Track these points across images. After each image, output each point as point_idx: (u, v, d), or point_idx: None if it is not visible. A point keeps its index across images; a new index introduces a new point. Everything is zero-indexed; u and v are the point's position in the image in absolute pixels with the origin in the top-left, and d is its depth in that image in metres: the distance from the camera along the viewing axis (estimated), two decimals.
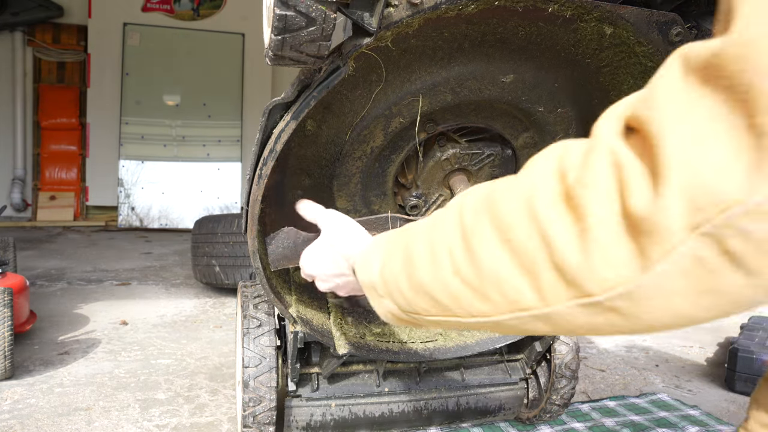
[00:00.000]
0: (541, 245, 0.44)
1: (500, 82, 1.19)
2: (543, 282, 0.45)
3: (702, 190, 0.35)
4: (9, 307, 2.12)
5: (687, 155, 0.36)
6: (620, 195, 0.40)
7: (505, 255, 0.47)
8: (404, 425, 1.70)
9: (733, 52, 0.34)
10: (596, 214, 0.41)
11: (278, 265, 1.10)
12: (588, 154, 0.43)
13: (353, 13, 0.84)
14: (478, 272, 0.50)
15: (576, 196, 0.43)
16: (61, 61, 6.76)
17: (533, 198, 0.46)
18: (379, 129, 1.21)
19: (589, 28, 1.05)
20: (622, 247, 0.40)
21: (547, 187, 0.45)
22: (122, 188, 6.50)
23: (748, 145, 0.34)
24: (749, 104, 0.34)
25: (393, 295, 0.63)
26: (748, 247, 0.35)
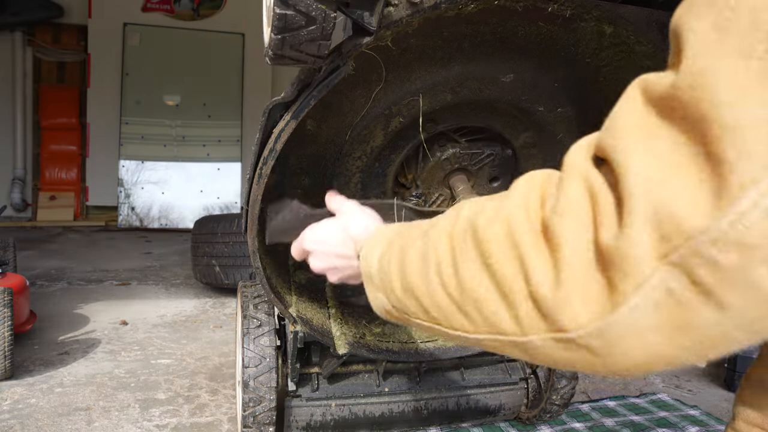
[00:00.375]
0: (519, 274, 0.45)
1: (500, 82, 1.19)
2: (520, 311, 0.45)
3: (667, 219, 0.35)
4: (9, 307, 2.12)
5: (650, 185, 0.36)
6: (593, 224, 0.40)
7: (485, 278, 0.48)
8: (404, 425, 1.70)
9: (686, 84, 0.35)
10: (569, 245, 0.41)
11: (274, 238, 1.04)
12: (562, 181, 0.44)
13: (353, 12, 0.84)
14: (461, 290, 0.50)
15: (551, 225, 0.43)
16: (61, 61, 6.76)
17: (513, 225, 0.46)
18: (379, 128, 1.21)
19: (588, 28, 1.05)
20: (593, 281, 0.40)
21: (527, 215, 0.46)
22: (122, 188, 6.50)
23: (708, 173, 0.34)
24: (705, 134, 0.34)
25: (386, 291, 0.63)
26: (716, 277, 0.34)
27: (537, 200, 0.46)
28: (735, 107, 0.33)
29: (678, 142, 0.36)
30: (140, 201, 6.52)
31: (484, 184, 1.40)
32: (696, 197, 0.34)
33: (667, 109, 0.37)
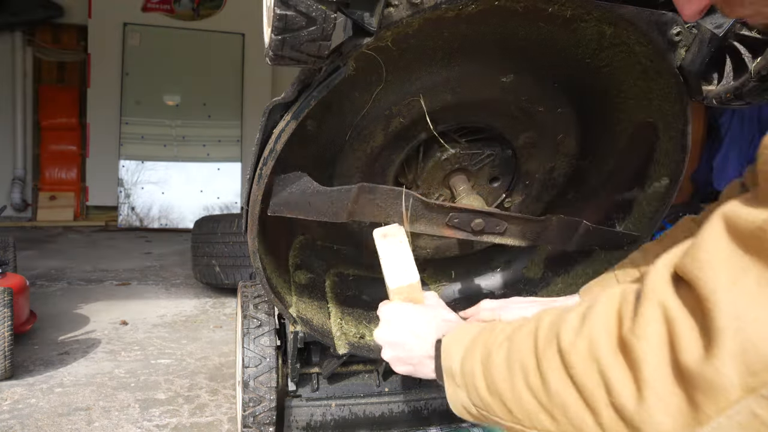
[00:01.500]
0: (601, 385, 0.49)
1: (500, 82, 1.19)
2: (603, 418, 0.49)
3: (756, 356, 0.38)
4: (9, 307, 2.12)
5: (740, 322, 0.39)
6: (671, 348, 0.44)
7: (569, 386, 0.52)
8: (404, 425, 1.70)
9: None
10: (650, 365, 0.45)
11: (277, 210, 1.01)
12: (640, 304, 0.48)
13: (353, 12, 0.84)
14: (548, 395, 0.55)
15: (630, 344, 0.47)
16: (61, 61, 6.75)
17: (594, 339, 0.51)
18: (380, 129, 1.21)
19: (589, 28, 1.05)
20: (676, 398, 0.43)
21: (606, 332, 0.50)
22: (122, 188, 6.50)
23: None
24: None
25: (468, 389, 0.67)
26: None
27: (615, 320, 0.50)
28: None
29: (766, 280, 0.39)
30: (140, 201, 6.51)
31: (484, 185, 1.40)
32: None
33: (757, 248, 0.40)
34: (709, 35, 1.01)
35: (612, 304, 0.53)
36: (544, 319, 0.61)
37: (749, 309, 0.39)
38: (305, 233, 1.41)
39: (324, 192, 1.02)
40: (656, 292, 0.47)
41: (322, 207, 1.05)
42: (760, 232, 0.39)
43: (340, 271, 1.46)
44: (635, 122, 1.25)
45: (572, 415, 0.52)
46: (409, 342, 0.83)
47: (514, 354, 0.60)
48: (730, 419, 0.40)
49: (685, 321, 0.43)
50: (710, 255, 0.42)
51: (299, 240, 1.41)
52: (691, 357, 0.41)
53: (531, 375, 0.57)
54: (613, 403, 0.48)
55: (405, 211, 1.09)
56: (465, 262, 1.57)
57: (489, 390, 0.63)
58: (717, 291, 0.40)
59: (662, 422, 0.44)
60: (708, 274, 0.42)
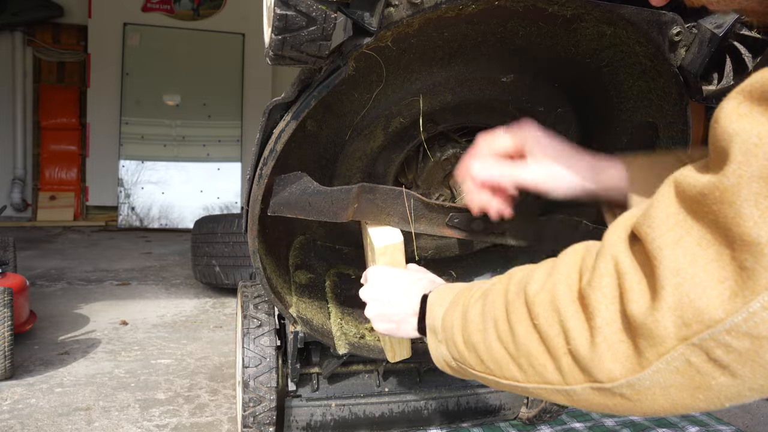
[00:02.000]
0: (560, 334, 0.54)
1: (500, 82, 1.19)
2: (563, 364, 0.54)
3: (690, 309, 0.42)
4: (9, 307, 2.12)
5: (679, 277, 0.43)
6: (620, 299, 0.48)
7: (534, 335, 0.57)
8: (404, 425, 1.70)
9: (718, 196, 0.41)
10: (602, 314, 0.49)
11: (277, 210, 1.01)
12: (597, 259, 0.52)
13: (354, 12, 0.84)
14: (516, 344, 0.59)
15: (587, 296, 0.52)
16: (61, 61, 6.76)
17: (556, 292, 0.56)
18: (380, 129, 1.21)
19: (589, 28, 1.05)
20: (623, 344, 0.48)
21: (567, 285, 0.55)
22: (122, 188, 6.50)
23: (731, 273, 0.40)
24: (730, 241, 0.40)
25: (448, 344, 0.72)
26: (731, 356, 0.41)
27: (576, 273, 0.55)
28: (759, 225, 0.38)
29: (707, 241, 0.42)
30: (140, 201, 6.51)
31: None
32: (716, 294, 0.41)
33: (699, 211, 0.43)
34: (709, 35, 1.01)
35: (575, 258, 0.57)
36: (516, 275, 0.65)
37: (689, 267, 0.43)
38: (305, 233, 1.41)
39: (324, 192, 1.02)
40: (611, 247, 0.51)
41: (322, 207, 1.05)
42: (700, 197, 0.42)
43: (340, 271, 1.46)
44: (635, 122, 1.25)
45: (536, 363, 0.56)
46: (394, 299, 0.90)
47: (487, 308, 0.65)
48: (668, 364, 0.45)
49: (633, 275, 0.47)
50: (660, 215, 0.46)
51: (299, 240, 1.41)
52: (637, 308, 0.46)
53: (501, 326, 0.61)
54: (570, 351, 0.52)
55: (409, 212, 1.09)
56: (465, 262, 1.57)
57: (465, 343, 0.68)
58: (663, 248, 0.44)
59: (611, 367, 0.49)
60: (656, 232, 0.46)
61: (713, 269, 0.41)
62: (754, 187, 0.38)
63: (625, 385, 0.48)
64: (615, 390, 0.49)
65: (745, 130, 0.39)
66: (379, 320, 0.94)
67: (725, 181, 0.40)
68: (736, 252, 0.40)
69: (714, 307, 0.41)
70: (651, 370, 0.46)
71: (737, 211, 0.39)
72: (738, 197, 0.39)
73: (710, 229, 0.42)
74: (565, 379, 0.54)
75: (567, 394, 0.55)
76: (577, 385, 0.53)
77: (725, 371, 0.42)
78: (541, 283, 0.58)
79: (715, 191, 0.41)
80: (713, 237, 0.42)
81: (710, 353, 0.42)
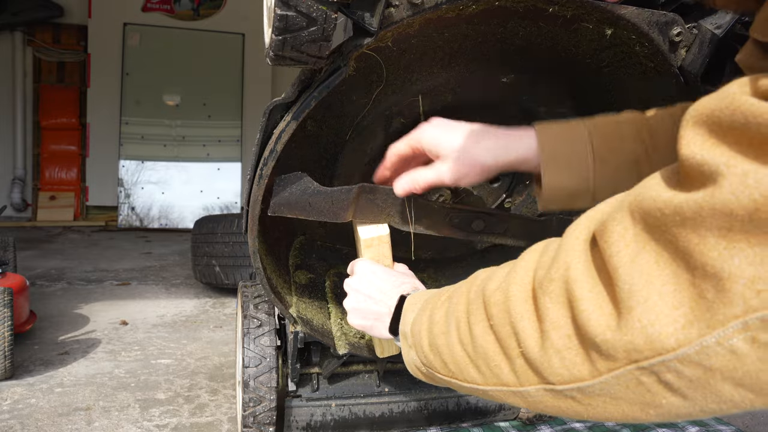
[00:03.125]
0: (512, 335, 0.53)
1: (500, 82, 1.19)
2: (516, 365, 0.53)
3: (642, 336, 0.41)
4: (9, 307, 2.12)
5: (633, 300, 0.41)
6: (570, 307, 0.47)
7: (490, 336, 0.56)
8: (404, 425, 1.70)
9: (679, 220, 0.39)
10: (551, 318, 0.49)
11: (277, 210, 1.01)
12: (553, 261, 0.51)
13: (354, 13, 0.84)
14: (474, 345, 0.58)
15: (538, 298, 0.51)
16: (61, 61, 6.76)
17: (509, 292, 0.55)
18: (380, 129, 1.21)
19: (589, 29, 1.05)
20: (573, 351, 0.47)
21: (521, 285, 0.54)
22: (122, 188, 6.50)
23: (687, 299, 0.39)
24: (691, 266, 0.38)
25: (417, 348, 0.72)
26: (681, 381, 0.40)
27: (531, 273, 0.54)
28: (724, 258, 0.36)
29: (662, 260, 0.40)
30: (140, 201, 6.51)
31: (484, 185, 1.40)
32: (670, 321, 0.39)
33: (656, 228, 0.41)
34: (709, 36, 1.01)
35: (533, 257, 0.56)
36: (480, 275, 0.64)
37: (643, 288, 0.41)
38: (305, 233, 1.41)
39: (324, 192, 1.02)
40: (567, 251, 0.50)
41: (323, 207, 1.05)
42: (660, 214, 0.40)
43: (340, 271, 1.46)
44: None
45: (492, 364, 0.56)
46: (374, 295, 0.90)
47: (451, 309, 0.64)
48: (618, 379, 0.44)
49: (585, 283, 0.46)
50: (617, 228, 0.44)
51: (299, 240, 1.41)
52: (588, 320, 0.45)
53: (462, 328, 0.61)
54: (522, 353, 0.52)
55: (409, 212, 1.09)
56: (465, 262, 1.57)
57: (431, 347, 0.67)
58: (618, 268, 0.43)
59: (561, 371, 0.48)
60: (612, 248, 0.44)
61: (668, 292, 0.40)
62: (720, 220, 0.36)
63: (575, 389, 0.48)
64: (566, 393, 0.49)
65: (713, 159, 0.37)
66: (355, 314, 0.93)
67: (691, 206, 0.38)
68: (696, 279, 0.38)
69: (666, 335, 0.39)
70: (600, 380, 0.45)
71: (702, 239, 0.37)
72: (702, 226, 0.37)
73: (668, 249, 0.40)
74: (519, 381, 0.53)
75: (522, 396, 0.54)
76: (531, 386, 0.52)
77: (676, 393, 0.41)
78: (497, 283, 0.57)
79: (677, 214, 0.39)
80: (671, 257, 0.40)
81: (660, 376, 0.41)
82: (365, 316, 0.91)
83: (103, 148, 6.54)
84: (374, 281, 0.93)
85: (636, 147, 0.85)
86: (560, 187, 0.85)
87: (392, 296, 0.87)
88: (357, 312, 0.93)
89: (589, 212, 0.51)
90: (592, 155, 0.84)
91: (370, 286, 0.92)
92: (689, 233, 0.38)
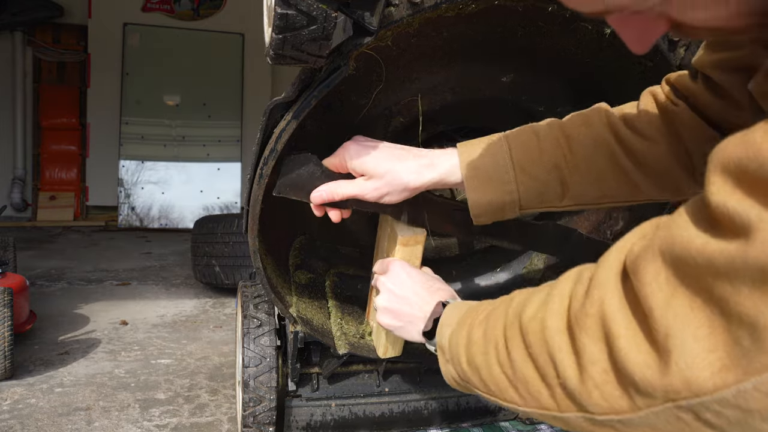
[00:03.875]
0: (550, 364, 0.54)
1: (500, 82, 1.19)
2: (556, 393, 0.55)
3: (679, 377, 0.42)
4: (9, 307, 2.12)
5: (669, 342, 0.42)
6: (606, 342, 0.48)
7: (529, 363, 0.58)
8: (404, 425, 1.70)
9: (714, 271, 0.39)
10: (589, 354, 0.50)
11: (282, 191, 1.00)
12: (587, 294, 0.52)
13: (354, 12, 0.84)
14: (513, 369, 0.60)
15: (575, 332, 0.52)
16: (61, 61, 6.76)
17: (546, 323, 0.56)
18: (380, 128, 1.21)
19: (588, 29, 1.05)
20: (612, 386, 0.48)
21: (558, 315, 0.55)
22: (122, 188, 6.50)
23: (722, 344, 0.39)
24: (725, 312, 0.39)
25: (454, 363, 0.74)
26: (720, 420, 0.41)
27: (566, 304, 0.55)
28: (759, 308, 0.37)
29: (696, 304, 0.41)
30: (140, 201, 6.52)
31: None
32: (706, 365, 0.40)
33: (690, 274, 0.42)
34: None
35: (568, 286, 0.57)
36: (516, 298, 0.66)
37: (679, 332, 0.42)
38: (305, 233, 1.41)
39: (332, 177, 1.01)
40: (600, 285, 0.51)
41: None
42: (692, 262, 0.41)
43: (340, 271, 1.46)
44: None
45: (532, 389, 0.57)
46: (410, 298, 0.92)
47: (489, 330, 0.66)
48: (658, 415, 0.45)
49: (621, 320, 0.47)
50: (649, 269, 0.45)
51: (299, 240, 1.41)
52: (626, 357, 0.46)
53: (500, 351, 0.62)
54: (561, 383, 0.53)
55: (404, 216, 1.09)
56: (465, 262, 1.57)
57: (468, 363, 0.69)
58: (654, 309, 0.44)
59: (600, 403, 0.49)
60: (646, 289, 0.45)
61: (703, 336, 0.40)
62: (754, 274, 0.37)
63: (615, 420, 0.49)
64: (606, 422, 0.50)
65: (744, 212, 0.37)
66: (387, 313, 0.94)
67: (725, 258, 0.38)
68: (731, 326, 0.39)
69: (704, 378, 0.40)
70: (640, 414, 0.46)
71: (735, 290, 0.38)
72: (736, 278, 0.38)
73: (702, 295, 0.41)
74: (559, 407, 0.55)
75: (563, 421, 0.55)
76: (570, 413, 0.53)
77: (714, 429, 0.42)
78: (534, 311, 0.59)
79: (710, 265, 0.39)
80: (704, 302, 0.41)
81: (699, 415, 0.42)
82: (398, 317, 0.92)
83: (103, 148, 6.54)
84: (409, 284, 0.94)
85: (555, 153, 0.88)
86: (485, 202, 0.89)
87: (428, 301, 0.89)
88: (389, 312, 0.94)
89: (619, 243, 0.52)
90: (513, 169, 0.88)
91: (405, 288, 0.93)
92: (723, 284, 0.38)
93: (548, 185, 0.88)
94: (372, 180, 0.93)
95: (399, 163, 0.92)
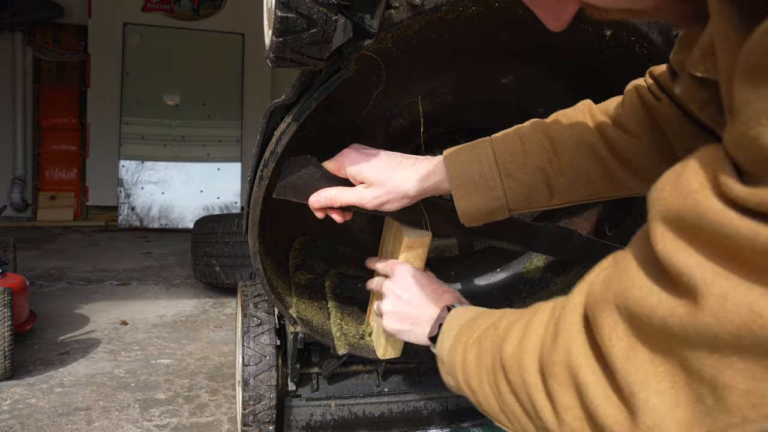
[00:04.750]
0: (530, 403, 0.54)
1: (500, 83, 1.19)
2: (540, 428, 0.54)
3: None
4: (9, 307, 2.12)
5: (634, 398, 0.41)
6: (579, 393, 0.47)
7: (512, 396, 0.58)
8: (404, 425, 1.70)
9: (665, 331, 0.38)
10: (561, 402, 0.49)
11: (282, 193, 1.01)
12: (554, 339, 0.51)
13: (354, 14, 0.84)
14: (501, 399, 0.61)
15: (546, 378, 0.52)
16: (61, 61, 6.75)
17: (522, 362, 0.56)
18: (380, 130, 1.22)
19: (588, 30, 1.06)
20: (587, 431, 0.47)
21: (532, 355, 0.55)
22: (122, 188, 6.50)
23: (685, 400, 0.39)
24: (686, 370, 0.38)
25: (452, 377, 0.76)
26: None
27: (539, 344, 0.55)
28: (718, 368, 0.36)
29: (657, 360, 0.40)
30: (140, 201, 6.52)
31: None
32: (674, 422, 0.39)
33: (645, 332, 0.41)
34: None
35: (542, 320, 0.56)
36: (502, 323, 0.65)
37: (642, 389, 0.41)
38: (305, 234, 1.41)
39: (332, 180, 1.02)
40: (566, 333, 0.50)
41: None
42: (645, 319, 0.40)
43: (340, 271, 1.46)
44: None
45: (520, 419, 0.58)
46: (418, 302, 0.92)
47: (480, 356, 0.67)
48: None
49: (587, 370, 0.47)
50: (607, 321, 0.44)
51: (299, 241, 1.41)
52: (597, 411, 0.45)
53: (490, 380, 0.63)
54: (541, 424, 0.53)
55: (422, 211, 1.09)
56: (465, 262, 1.57)
57: (464, 383, 0.70)
58: (615, 362, 0.43)
59: None
60: (606, 342, 0.44)
61: (666, 390, 0.40)
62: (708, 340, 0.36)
63: None
64: None
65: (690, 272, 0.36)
66: (392, 317, 0.94)
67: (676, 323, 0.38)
68: (693, 382, 0.38)
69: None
70: None
71: (692, 351, 0.38)
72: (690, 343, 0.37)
73: (661, 350, 0.40)
74: None
75: None
76: None
77: None
78: (514, 347, 0.59)
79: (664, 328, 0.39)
80: (664, 357, 0.40)
81: None
82: (403, 320, 0.93)
83: (103, 148, 6.53)
84: (415, 288, 0.94)
85: (540, 157, 0.89)
86: (474, 209, 0.90)
87: (433, 306, 0.90)
88: (395, 315, 0.94)
89: (582, 283, 0.52)
90: (498, 175, 0.88)
91: (410, 292, 0.94)
92: (680, 345, 0.38)
93: (534, 188, 0.89)
94: (371, 188, 0.93)
95: (398, 172, 0.92)
